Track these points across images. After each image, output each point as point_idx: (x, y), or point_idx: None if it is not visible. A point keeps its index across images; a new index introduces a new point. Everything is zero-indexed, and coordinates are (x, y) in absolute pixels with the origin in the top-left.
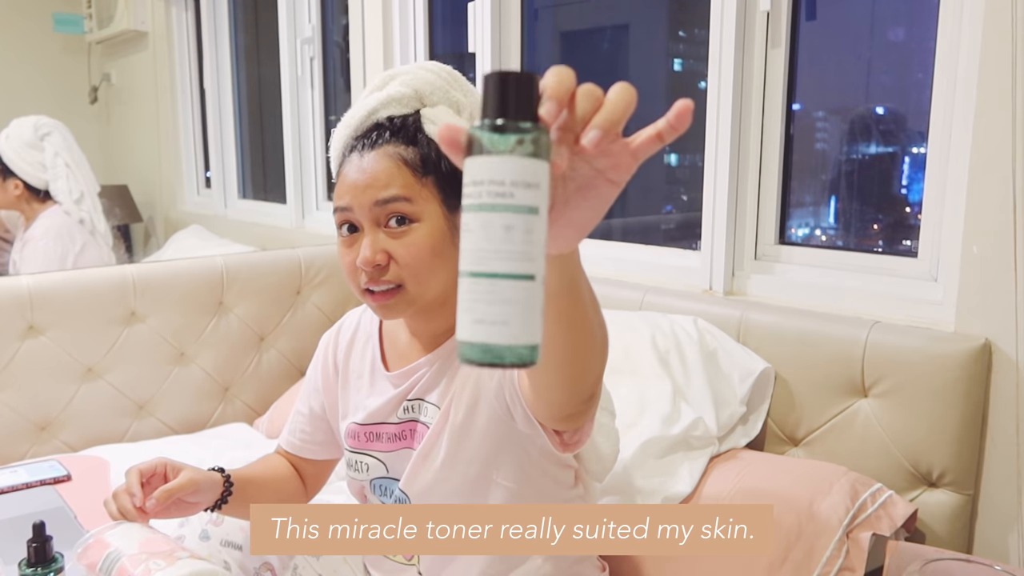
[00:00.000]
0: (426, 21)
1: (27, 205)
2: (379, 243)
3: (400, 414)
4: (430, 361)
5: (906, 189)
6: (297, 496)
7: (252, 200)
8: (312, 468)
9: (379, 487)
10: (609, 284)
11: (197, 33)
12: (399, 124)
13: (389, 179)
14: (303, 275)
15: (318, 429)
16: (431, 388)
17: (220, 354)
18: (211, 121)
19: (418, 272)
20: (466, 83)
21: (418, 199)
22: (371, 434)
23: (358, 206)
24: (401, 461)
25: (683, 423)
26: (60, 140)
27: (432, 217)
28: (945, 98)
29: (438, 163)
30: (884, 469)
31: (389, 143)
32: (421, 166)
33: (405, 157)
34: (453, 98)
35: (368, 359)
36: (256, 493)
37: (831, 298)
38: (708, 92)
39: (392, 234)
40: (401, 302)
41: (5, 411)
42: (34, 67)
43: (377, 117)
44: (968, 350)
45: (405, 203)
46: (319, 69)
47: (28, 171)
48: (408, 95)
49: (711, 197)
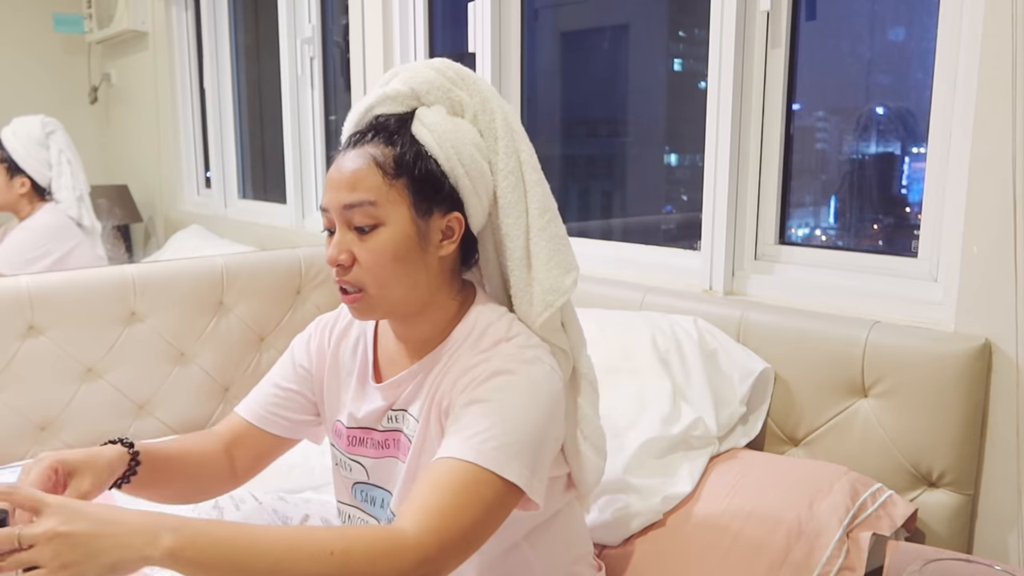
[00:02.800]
0: (426, 21)
1: (27, 203)
2: (345, 243)
3: (384, 423)
4: (413, 373)
5: (906, 189)
6: (218, 481)
7: (252, 200)
8: (265, 446)
9: (361, 493)
10: (609, 284)
11: (197, 33)
12: (383, 123)
13: (357, 181)
14: (303, 275)
15: (291, 408)
16: (412, 399)
17: (220, 354)
18: (211, 121)
19: (378, 276)
20: (475, 83)
21: (384, 203)
22: (355, 438)
23: (332, 206)
24: (383, 470)
25: (683, 423)
26: (63, 138)
27: (398, 222)
28: (945, 98)
29: (413, 165)
30: (884, 469)
31: (369, 143)
32: (394, 168)
33: (378, 158)
34: (455, 97)
35: (359, 361)
36: (168, 472)
37: (831, 298)
38: (708, 92)
39: (359, 236)
40: (365, 305)
41: (5, 411)
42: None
43: (372, 114)
44: (968, 350)
45: (370, 207)
46: (319, 69)
47: (36, 168)
48: (404, 93)
49: (711, 197)
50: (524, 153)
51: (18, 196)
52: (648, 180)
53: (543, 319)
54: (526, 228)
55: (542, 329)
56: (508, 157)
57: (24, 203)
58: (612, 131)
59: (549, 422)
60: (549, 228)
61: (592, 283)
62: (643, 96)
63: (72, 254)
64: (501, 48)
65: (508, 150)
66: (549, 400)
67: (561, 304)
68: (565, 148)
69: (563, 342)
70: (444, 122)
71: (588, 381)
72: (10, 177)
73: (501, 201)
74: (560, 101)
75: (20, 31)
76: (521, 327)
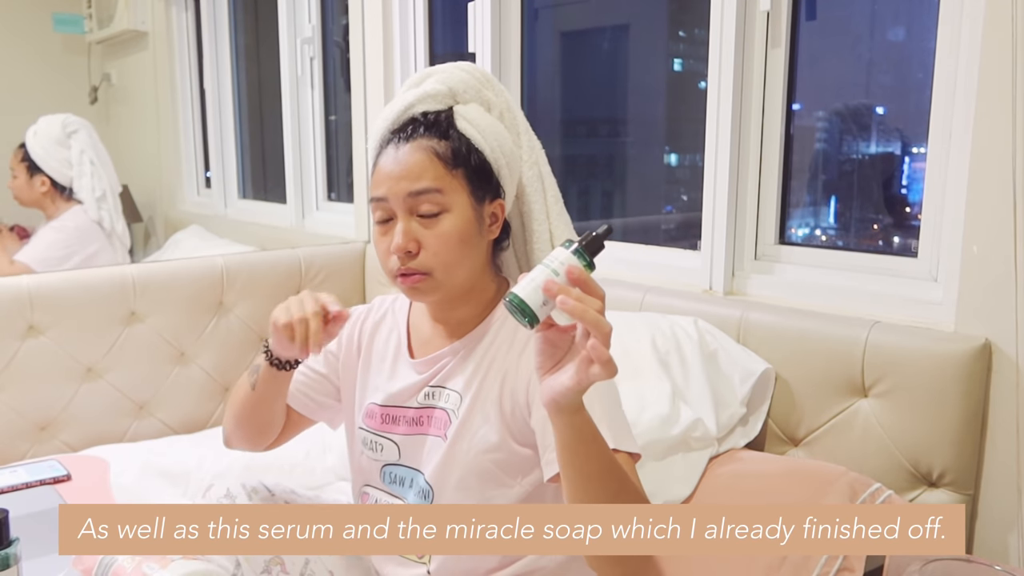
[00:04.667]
0: (426, 21)
1: (51, 203)
2: (411, 231)
3: (420, 399)
4: (455, 350)
5: (906, 189)
6: (274, 431)
7: (252, 200)
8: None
9: (390, 475)
10: (609, 284)
11: (197, 33)
12: (432, 119)
13: (422, 171)
14: (303, 275)
15: (318, 390)
16: (454, 375)
17: (220, 354)
18: (211, 121)
19: (446, 260)
20: (497, 84)
21: (448, 190)
22: (388, 416)
23: (393, 196)
24: (415, 447)
25: (682, 424)
26: (86, 138)
27: (461, 208)
28: (945, 98)
29: (468, 157)
30: (884, 469)
31: (423, 137)
32: (452, 159)
33: (437, 151)
34: (484, 96)
35: (393, 344)
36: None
37: (831, 298)
38: (708, 92)
39: (423, 223)
40: (429, 287)
41: (5, 411)
42: (34, 67)
43: (413, 112)
44: (968, 350)
45: (436, 194)
46: (319, 69)
47: (55, 168)
48: (443, 92)
49: (711, 197)
50: (537, 148)
51: (40, 195)
52: (648, 180)
53: None
54: (547, 213)
55: None
56: (531, 151)
57: (48, 202)
58: (612, 131)
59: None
60: (563, 214)
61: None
62: (643, 96)
63: (94, 258)
64: (501, 48)
65: (530, 144)
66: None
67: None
68: (565, 148)
69: None
70: (483, 117)
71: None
72: (31, 176)
73: (528, 189)
74: (560, 101)
75: (20, 31)
76: None
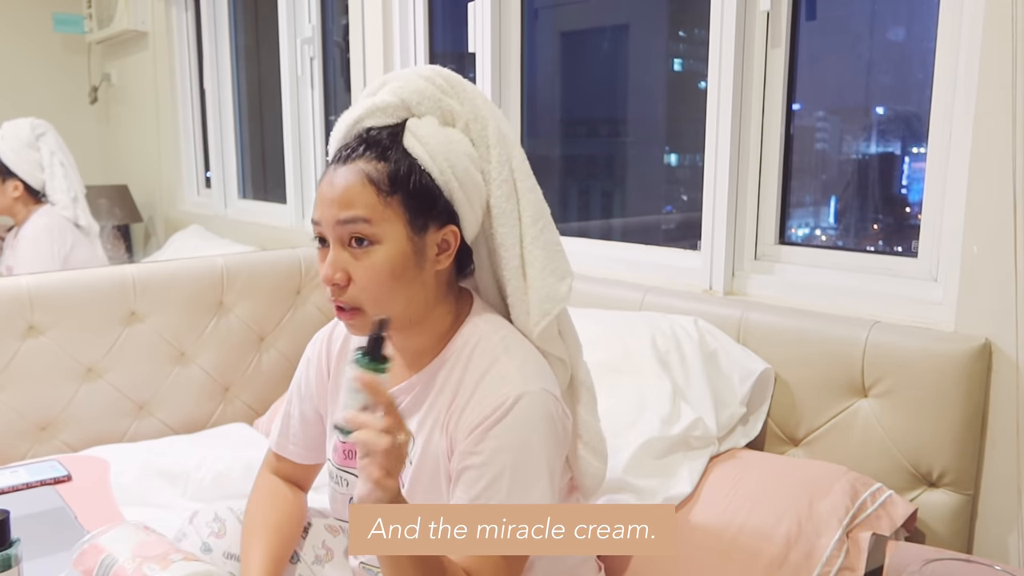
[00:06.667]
0: (426, 21)
1: (22, 207)
2: (340, 261)
3: None
4: (412, 384)
5: (906, 189)
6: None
7: (252, 200)
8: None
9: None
10: (609, 284)
11: (197, 33)
12: (375, 137)
13: (353, 198)
14: (303, 275)
15: (310, 435)
16: (409, 414)
17: (220, 354)
18: (211, 121)
19: (375, 295)
20: (465, 90)
21: (380, 220)
22: (349, 451)
23: (324, 221)
24: None
25: (683, 423)
26: (54, 140)
27: (394, 239)
28: (945, 98)
29: (407, 182)
30: (884, 469)
31: (361, 158)
32: (388, 185)
33: (371, 175)
34: (446, 106)
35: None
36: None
37: (831, 298)
38: (708, 92)
39: (354, 254)
40: (362, 323)
41: (5, 411)
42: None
43: (360, 127)
44: (968, 350)
45: (365, 224)
46: (319, 69)
47: (27, 171)
48: (394, 104)
49: (711, 197)
50: (516, 160)
51: (12, 200)
52: (648, 180)
53: (541, 328)
54: (520, 237)
55: (540, 338)
56: (501, 166)
57: (19, 207)
58: (612, 131)
59: (556, 447)
60: (543, 236)
61: (592, 283)
62: (643, 96)
63: (74, 251)
64: (501, 48)
65: (501, 159)
66: (549, 427)
67: (558, 312)
68: (565, 148)
69: (560, 351)
70: (436, 134)
71: (586, 388)
72: (3, 181)
73: (495, 211)
74: (560, 101)
75: (20, 31)
76: (515, 339)
